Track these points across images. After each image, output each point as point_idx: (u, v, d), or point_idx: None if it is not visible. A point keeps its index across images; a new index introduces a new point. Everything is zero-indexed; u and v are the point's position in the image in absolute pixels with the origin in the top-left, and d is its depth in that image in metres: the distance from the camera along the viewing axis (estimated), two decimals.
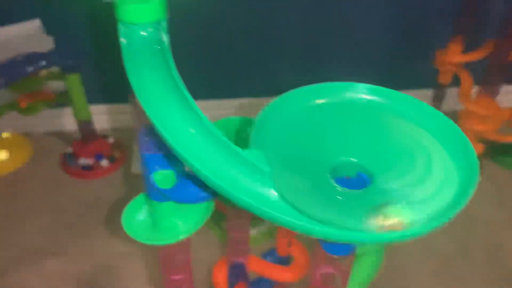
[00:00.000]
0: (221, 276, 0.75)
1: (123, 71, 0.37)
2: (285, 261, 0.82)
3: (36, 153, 1.42)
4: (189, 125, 0.33)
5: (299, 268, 0.78)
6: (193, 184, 0.41)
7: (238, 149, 0.33)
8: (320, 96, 0.41)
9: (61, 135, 1.49)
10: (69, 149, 1.38)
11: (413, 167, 0.36)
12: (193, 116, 0.32)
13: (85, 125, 1.31)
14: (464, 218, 1.18)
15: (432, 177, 0.36)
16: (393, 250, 1.10)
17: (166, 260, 0.48)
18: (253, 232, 1.13)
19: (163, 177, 0.41)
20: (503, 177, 1.32)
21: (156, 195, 0.42)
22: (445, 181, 0.35)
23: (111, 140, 1.41)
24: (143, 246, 1.11)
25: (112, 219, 1.20)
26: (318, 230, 0.30)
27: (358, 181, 0.37)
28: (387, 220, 0.31)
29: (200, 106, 0.33)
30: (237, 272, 0.72)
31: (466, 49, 1.28)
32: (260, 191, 0.33)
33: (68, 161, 1.34)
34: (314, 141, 0.38)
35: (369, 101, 0.41)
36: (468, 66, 1.29)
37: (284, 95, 0.39)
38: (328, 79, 0.41)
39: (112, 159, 1.35)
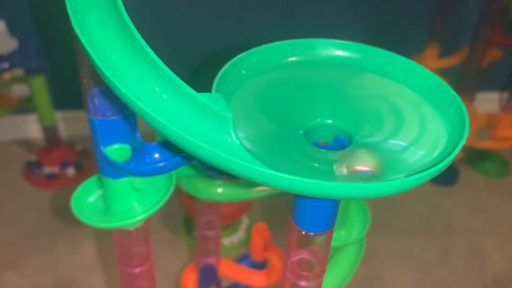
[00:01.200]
0: (190, 281, 0.69)
1: None
2: (260, 266, 0.77)
3: None
4: (140, 67, 0.28)
5: (274, 272, 0.74)
6: (151, 153, 0.37)
7: (194, 91, 0.28)
8: (291, 53, 0.37)
9: (25, 143, 1.41)
10: (33, 157, 1.30)
11: (395, 125, 0.32)
12: (145, 58, 0.28)
13: (50, 131, 1.25)
14: (443, 225, 1.16)
15: (416, 132, 0.32)
16: (372, 258, 1.07)
17: (122, 251, 0.43)
18: (225, 242, 1.08)
19: (116, 151, 0.37)
20: (482, 183, 1.30)
21: (108, 170, 0.37)
22: (433, 134, 0.31)
23: (78, 147, 1.35)
24: (108, 258, 1.06)
25: (76, 230, 1.13)
26: (282, 179, 0.25)
27: (335, 147, 0.33)
28: (354, 165, 0.28)
29: None
30: (207, 275, 0.66)
31: (443, 55, 1.28)
32: (220, 137, 0.28)
33: (31, 170, 1.27)
34: (285, 102, 0.34)
35: (345, 58, 0.37)
36: (446, 71, 1.29)
37: (250, 51, 0.35)
38: None
39: (79, 167, 1.28)
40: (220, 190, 0.51)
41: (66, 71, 1.36)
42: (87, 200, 0.41)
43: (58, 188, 1.24)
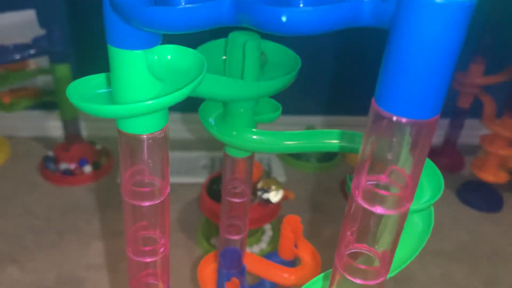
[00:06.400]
0: (208, 270, 0.60)
1: None
2: (290, 264, 0.68)
3: (15, 156, 1.29)
4: None
5: (306, 271, 0.64)
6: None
7: None
8: None
9: (46, 140, 1.36)
10: (50, 153, 1.25)
11: None
12: None
13: (71, 126, 1.19)
14: (489, 252, 1.04)
15: None
16: (410, 280, 0.96)
17: (126, 153, 0.32)
18: (255, 250, 0.98)
19: None
20: None
21: (119, 34, 0.28)
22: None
23: (98, 146, 1.29)
24: (115, 259, 0.97)
25: (86, 228, 1.05)
26: None
27: None
28: None
29: None
30: (229, 260, 0.57)
31: (488, 71, 1.20)
32: None
33: (47, 165, 1.21)
34: None
35: None
36: (491, 88, 1.21)
37: None
38: None
39: (97, 166, 1.22)
40: (255, 137, 0.43)
41: (92, 68, 1.32)
42: (93, 91, 0.32)
43: (73, 185, 1.17)
